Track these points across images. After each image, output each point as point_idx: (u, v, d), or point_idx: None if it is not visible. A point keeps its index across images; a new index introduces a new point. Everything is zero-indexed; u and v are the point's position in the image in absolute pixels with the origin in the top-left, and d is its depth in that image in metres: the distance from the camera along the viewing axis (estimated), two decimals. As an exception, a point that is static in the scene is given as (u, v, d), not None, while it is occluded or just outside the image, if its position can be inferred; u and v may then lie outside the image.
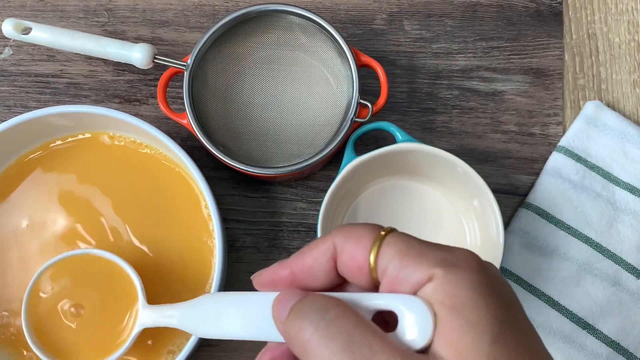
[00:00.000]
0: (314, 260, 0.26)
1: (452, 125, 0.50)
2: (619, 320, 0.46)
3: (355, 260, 0.24)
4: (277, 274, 0.27)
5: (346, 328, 0.22)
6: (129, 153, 0.46)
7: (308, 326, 0.23)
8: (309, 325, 0.23)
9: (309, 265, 0.26)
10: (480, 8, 0.52)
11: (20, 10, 0.51)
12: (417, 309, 0.22)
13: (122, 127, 0.44)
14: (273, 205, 0.49)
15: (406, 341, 0.22)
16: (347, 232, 0.25)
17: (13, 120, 0.42)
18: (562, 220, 0.47)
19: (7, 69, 0.50)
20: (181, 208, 0.45)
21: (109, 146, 0.46)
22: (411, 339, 0.22)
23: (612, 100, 0.51)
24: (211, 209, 0.41)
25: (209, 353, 0.46)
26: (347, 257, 0.25)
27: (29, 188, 0.45)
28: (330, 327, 0.22)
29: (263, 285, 0.27)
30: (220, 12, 0.51)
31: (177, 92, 0.49)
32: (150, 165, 0.45)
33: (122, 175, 0.45)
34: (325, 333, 0.22)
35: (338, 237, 0.25)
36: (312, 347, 0.22)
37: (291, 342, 0.24)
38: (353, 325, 0.22)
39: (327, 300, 0.24)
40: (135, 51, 0.45)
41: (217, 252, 0.41)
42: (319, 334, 0.22)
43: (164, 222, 0.45)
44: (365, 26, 0.51)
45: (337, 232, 0.26)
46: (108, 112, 0.42)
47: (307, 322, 0.23)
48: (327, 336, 0.22)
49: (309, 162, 0.43)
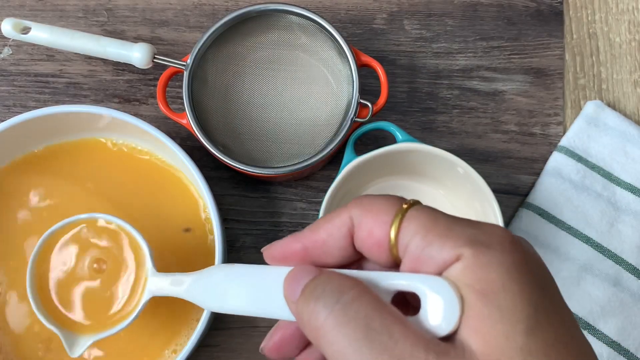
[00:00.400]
0: (329, 235, 0.24)
1: (452, 125, 0.50)
2: (619, 320, 0.45)
3: (373, 236, 0.22)
4: (289, 248, 0.25)
5: (364, 312, 0.20)
6: (126, 156, 0.46)
7: (322, 309, 0.21)
8: (323, 308, 0.21)
9: (323, 240, 0.24)
10: (480, 7, 0.52)
11: (19, 10, 0.51)
12: (442, 291, 0.20)
13: (121, 127, 0.44)
14: (273, 205, 0.49)
15: (429, 327, 0.20)
16: (365, 204, 0.23)
17: (13, 120, 0.42)
18: (563, 220, 0.47)
19: (7, 68, 0.50)
20: (180, 209, 0.45)
21: (107, 149, 0.46)
22: (435, 324, 0.20)
23: (612, 100, 0.51)
24: (211, 209, 0.41)
25: (209, 353, 0.46)
26: (365, 233, 0.23)
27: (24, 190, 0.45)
28: (347, 311, 0.20)
29: (274, 259, 0.25)
30: (220, 11, 0.51)
31: (177, 92, 0.49)
32: (148, 168, 0.45)
33: (120, 178, 0.45)
34: (341, 318, 0.20)
35: (355, 210, 0.23)
36: (326, 333, 0.21)
37: (303, 325, 0.22)
38: (372, 309, 0.20)
39: (344, 280, 0.22)
40: (135, 51, 0.45)
41: (217, 252, 0.41)
42: (334, 319, 0.20)
43: (163, 222, 0.45)
44: (366, 26, 0.51)
45: (355, 204, 0.23)
46: (107, 112, 0.42)
47: (321, 305, 0.21)
48: (343, 322, 0.20)
49: (309, 162, 0.43)
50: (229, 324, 0.47)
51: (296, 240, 0.24)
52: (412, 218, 0.22)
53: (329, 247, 0.24)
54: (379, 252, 0.23)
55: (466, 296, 0.20)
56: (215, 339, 0.46)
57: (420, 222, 0.21)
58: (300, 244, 0.24)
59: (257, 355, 0.46)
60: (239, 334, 0.46)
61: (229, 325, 0.47)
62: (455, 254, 0.20)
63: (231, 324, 0.47)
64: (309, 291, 0.22)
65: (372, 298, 0.21)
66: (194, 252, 0.44)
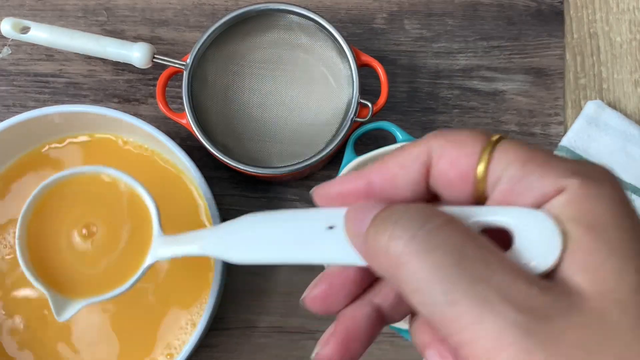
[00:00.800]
0: (401, 167, 0.21)
1: (452, 125, 0.50)
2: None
3: (457, 167, 0.20)
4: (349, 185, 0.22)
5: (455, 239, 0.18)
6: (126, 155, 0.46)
7: (402, 235, 0.18)
8: (403, 233, 0.18)
9: (394, 174, 0.21)
10: (481, 7, 0.52)
11: (19, 10, 0.51)
12: (541, 225, 0.18)
13: (120, 128, 0.44)
14: (273, 205, 0.49)
15: (524, 263, 0.18)
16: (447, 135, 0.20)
17: (13, 119, 0.42)
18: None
19: (6, 68, 0.50)
20: (180, 208, 0.45)
21: (108, 149, 0.46)
22: (531, 261, 0.18)
23: (613, 100, 0.51)
24: (210, 209, 0.41)
25: (209, 353, 0.46)
26: (447, 164, 0.20)
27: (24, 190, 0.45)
28: (432, 237, 0.18)
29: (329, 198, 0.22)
30: (219, 11, 0.51)
31: (177, 92, 0.49)
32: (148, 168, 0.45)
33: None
34: (426, 244, 0.18)
35: (435, 141, 0.20)
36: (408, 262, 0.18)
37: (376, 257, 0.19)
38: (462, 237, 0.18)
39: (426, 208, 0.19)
40: (135, 50, 0.45)
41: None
42: (417, 246, 0.18)
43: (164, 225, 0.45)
44: (366, 25, 0.51)
45: (435, 135, 0.21)
46: (106, 112, 0.42)
47: (400, 230, 0.18)
48: (429, 248, 0.18)
49: (309, 162, 0.43)
50: (229, 324, 0.47)
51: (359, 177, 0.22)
52: (505, 149, 0.19)
53: (399, 182, 0.21)
54: (461, 187, 0.20)
55: (571, 230, 0.18)
56: (214, 339, 0.46)
57: (516, 154, 0.19)
58: (364, 180, 0.21)
59: (257, 355, 0.46)
60: (239, 334, 0.46)
61: (229, 326, 0.47)
62: (558, 186, 0.18)
63: (231, 324, 0.47)
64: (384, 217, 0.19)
65: (462, 226, 0.18)
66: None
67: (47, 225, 0.34)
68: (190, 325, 0.43)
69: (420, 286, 0.18)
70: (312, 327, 0.47)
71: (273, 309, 0.47)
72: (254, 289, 0.47)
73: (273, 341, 0.46)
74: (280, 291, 0.47)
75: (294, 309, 0.47)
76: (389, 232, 0.19)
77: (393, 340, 0.46)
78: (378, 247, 0.19)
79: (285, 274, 0.47)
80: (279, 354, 0.46)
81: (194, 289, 0.44)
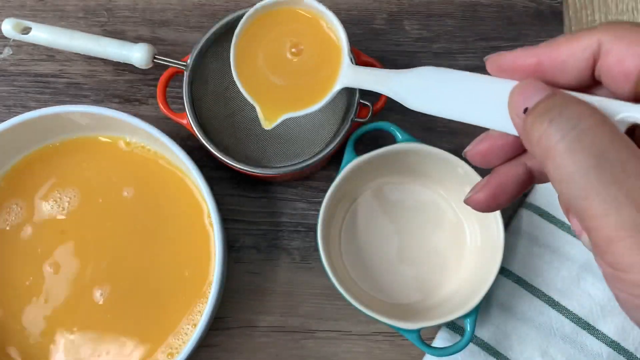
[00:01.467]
0: (571, 54, 0.23)
1: (452, 125, 0.50)
2: (619, 320, 0.45)
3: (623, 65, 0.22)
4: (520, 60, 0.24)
5: (600, 142, 0.20)
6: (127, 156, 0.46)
7: (555, 132, 0.21)
8: (556, 131, 0.21)
9: (563, 59, 0.23)
10: (480, 8, 0.52)
11: (19, 10, 0.51)
12: None
13: (121, 128, 0.44)
14: (273, 205, 0.49)
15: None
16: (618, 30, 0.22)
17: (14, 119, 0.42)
18: (563, 220, 0.47)
19: (7, 68, 0.50)
20: (181, 209, 0.45)
21: (107, 149, 0.46)
22: None
23: (612, 100, 0.51)
24: (211, 209, 0.41)
25: (209, 353, 0.46)
26: (614, 60, 0.22)
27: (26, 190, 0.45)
28: (582, 138, 0.20)
29: (500, 69, 0.24)
30: (220, 11, 0.51)
31: (177, 92, 0.49)
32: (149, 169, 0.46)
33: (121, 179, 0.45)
34: (574, 145, 0.20)
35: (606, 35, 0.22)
36: (556, 156, 0.21)
37: (530, 141, 0.22)
38: (608, 140, 0.20)
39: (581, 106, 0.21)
40: (135, 51, 0.45)
41: (217, 253, 0.41)
42: (567, 144, 0.20)
43: (164, 224, 0.45)
44: (366, 26, 0.51)
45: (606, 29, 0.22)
46: (103, 112, 0.42)
47: (554, 127, 0.21)
48: (577, 148, 0.20)
49: (309, 162, 0.43)
50: (229, 324, 0.47)
51: (532, 54, 0.24)
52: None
53: (566, 67, 0.23)
54: (623, 84, 0.22)
55: None
56: (215, 339, 0.46)
57: None
58: (535, 59, 0.24)
59: (257, 355, 0.46)
60: (239, 334, 0.46)
61: (229, 325, 0.47)
62: None
63: (231, 324, 0.47)
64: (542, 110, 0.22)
65: (609, 129, 0.20)
66: (195, 252, 0.44)
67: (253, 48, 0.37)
68: (191, 325, 0.43)
69: (562, 179, 0.21)
70: (312, 327, 0.47)
71: (273, 309, 0.47)
72: (254, 289, 0.47)
73: (273, 341, 0.46)
74: (280, 291, 0.47)
75: (294, 308, 0.47)
76: (544, 127, 0.21)
77: (393, 340, 0.47)
78: (533, 135, 0.22)
79: (286, 274, 0.48)
80: (279, 353, 0.46)
81: (194, 288, 0.44)
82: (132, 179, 0.45)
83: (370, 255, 0.47)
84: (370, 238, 0.47)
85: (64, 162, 0.45)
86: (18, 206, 0.45)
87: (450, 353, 0.42)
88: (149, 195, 0.45)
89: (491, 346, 0.45)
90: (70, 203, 0.45)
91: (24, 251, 0.44)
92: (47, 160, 0.45)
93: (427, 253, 0.46)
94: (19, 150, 0.45)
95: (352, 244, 0.47)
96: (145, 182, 0.45)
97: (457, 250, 0.46)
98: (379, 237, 0.47)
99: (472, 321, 0.42)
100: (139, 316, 0.43)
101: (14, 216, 0.45)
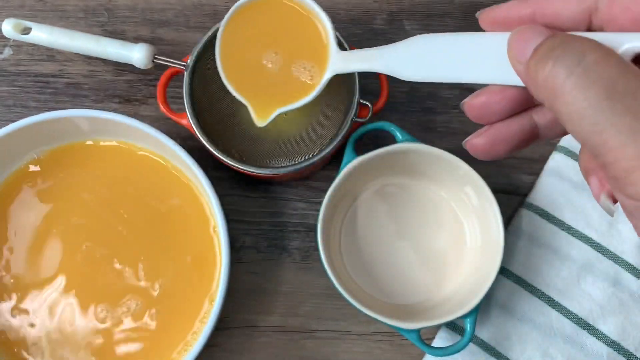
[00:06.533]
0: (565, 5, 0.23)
1: (452, 125, 0.50)
2: (619, 320, 0.45)
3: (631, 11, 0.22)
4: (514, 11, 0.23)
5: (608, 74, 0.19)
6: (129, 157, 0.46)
7: (561, 70, 0.20)
8: (562, 69, 0.20)
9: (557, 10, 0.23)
10: (480, 8, 0.52)
11: (19, 10, 0.51)
12: None
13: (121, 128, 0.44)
14: (273, 205, 0.49)
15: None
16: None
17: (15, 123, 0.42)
18: (563, 220, 0.47)
19: (7, 69, 0.50)
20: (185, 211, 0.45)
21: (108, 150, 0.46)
22: None
23: (612, 100, 0.51)
24: (215, 209, 0.41)
25: (209, 353, 0.46)
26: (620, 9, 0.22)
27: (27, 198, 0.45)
28: (589, 73, 0.20)
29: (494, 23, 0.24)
30: (220, 12, 0.51)
31: (177, 92, 0.49)
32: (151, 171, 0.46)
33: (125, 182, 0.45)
34: (582, 80, 0.20)
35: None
36: (565, 94, 0.20)
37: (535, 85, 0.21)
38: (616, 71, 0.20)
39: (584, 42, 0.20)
40: (135, 51, 0.45)
41: (224, 254, 0.41)
42: (575, 80, 0.20)
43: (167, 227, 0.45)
44: (365, 26, 0.51)
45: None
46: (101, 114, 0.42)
47: (559, 65, 0.20)
48: (585, 84, 0.20)
49: (309, 162, 0.43)
50: (229, 324, 0.47)
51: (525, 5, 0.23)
52: None
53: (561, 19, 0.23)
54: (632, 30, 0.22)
55: None
56: (215, 339, 0.46)
57: None
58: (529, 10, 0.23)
59: (257, 354, 0.46)
60: (239, 334, 0.46)
61: (229, 325, 0.47)
62: None
63: (231, 324, 0.47)
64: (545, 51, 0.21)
65: (616, 60, 0.20)
66: (199, 255, 0.44)
67: (238, 47, 0.37)
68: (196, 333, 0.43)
69: (573, 117, 0.20)
70: (312, 327, 0.47)
71: (273, 309, 0.47)
72: (255, 289, 0.47)
73: (273, 341, 0.46)
74: (281, 291, 0.47)
75: (294, 308, 0.47)
76: (549, 66, 0.20)
77: (393, 340, 0.47)
78: (537, 78, 0.21)
79: (286, 274, 0.48)
80: (279, 353, 0.46)
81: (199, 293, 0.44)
82: (135, 182, 0.45)
83: (370, 255, 0.47)
84: (370, 238, 0.47)
85: (65, 168, 0.45)
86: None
87: (450, 353, 0.42)
88: (154, 200, 0.45)
89: (491, 346, 0.45)
90: (74, 211, 0.45)
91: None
92: (49, 166, 0.45)
93: (427, 253, 0.46)
94: (20, 156, 0.45)
95: (352, 244, 0.47)
96: (149, 186, 0.45)
97: (457, 250, 0.46)
98: (379, 237, 0.47)
99: (472, 321, 0.42)
100: (141, 326, 0.44)
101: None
